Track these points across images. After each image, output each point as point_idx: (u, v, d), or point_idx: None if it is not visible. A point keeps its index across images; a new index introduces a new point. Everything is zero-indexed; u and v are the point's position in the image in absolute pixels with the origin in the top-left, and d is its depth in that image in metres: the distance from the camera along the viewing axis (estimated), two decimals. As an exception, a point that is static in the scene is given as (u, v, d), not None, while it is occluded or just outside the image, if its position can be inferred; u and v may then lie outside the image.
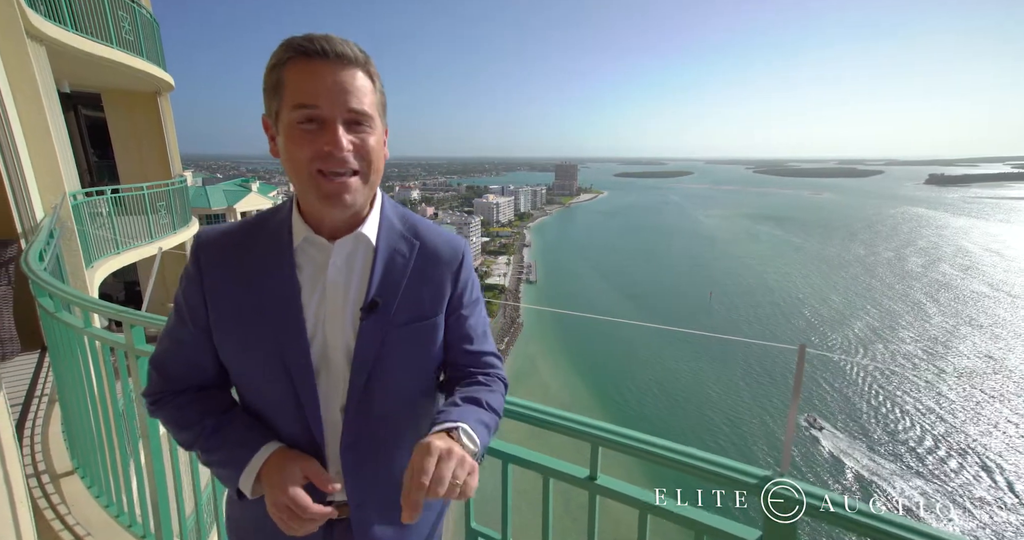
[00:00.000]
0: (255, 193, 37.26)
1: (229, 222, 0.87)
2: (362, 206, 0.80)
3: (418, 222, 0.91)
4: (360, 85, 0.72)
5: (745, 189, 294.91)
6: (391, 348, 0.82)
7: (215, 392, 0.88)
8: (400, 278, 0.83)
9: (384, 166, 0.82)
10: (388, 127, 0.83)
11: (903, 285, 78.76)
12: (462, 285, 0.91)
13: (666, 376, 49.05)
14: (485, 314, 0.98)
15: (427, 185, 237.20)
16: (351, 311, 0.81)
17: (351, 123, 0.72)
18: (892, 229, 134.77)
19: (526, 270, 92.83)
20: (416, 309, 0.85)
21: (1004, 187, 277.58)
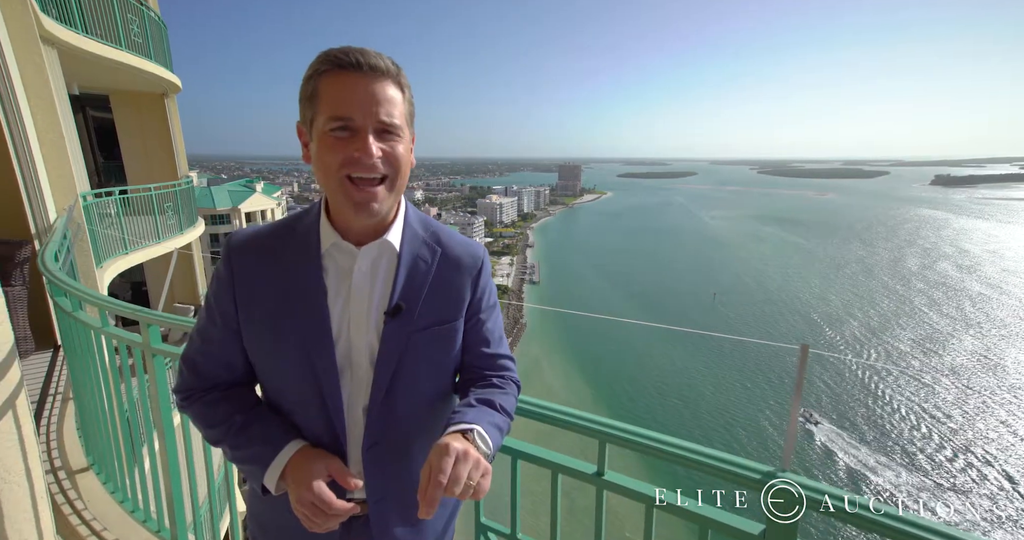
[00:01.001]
0: (259, 194, 37.48)
1: (259, 224, 0.91)
2: (387, 214, 0.84)
3: (440, 229, 0.95)
4: (391, 96, 0.76)
5: (749, 190, 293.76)
6: (413, 351, 0.85)
7: (242, 390, 0.91)
8: (423, 283, 0.87)
9: (408, 173, 0.84)
10: (415, 134, 0.87)
11: (904, 287, 78.52)
12: (481, 290, 0.95)
13: (668, 375, 48.96)
14: (501, 319, 1.02)
15: (431, 185, 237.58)
16: (375, 315, 0.84)
17: (381, 132, 0.76)
18: (895, 231, 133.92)
19: (529, 271, 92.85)
20: (437, 313, 0.88)
21: (1011, 188, 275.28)
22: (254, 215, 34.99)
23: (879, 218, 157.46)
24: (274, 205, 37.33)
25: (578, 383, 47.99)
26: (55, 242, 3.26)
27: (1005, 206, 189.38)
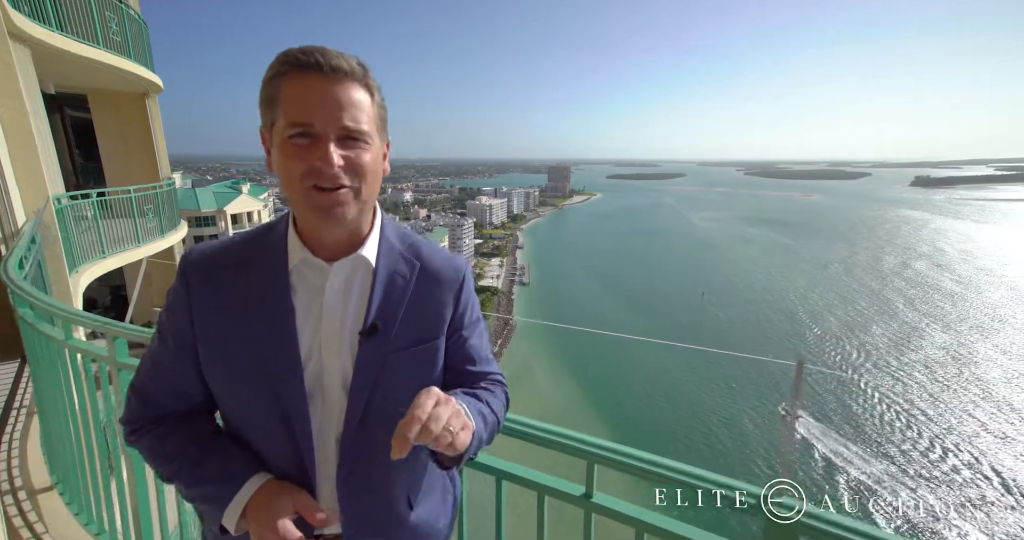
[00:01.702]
0: (246, 195, 36.92)
1: (221, 239, 0.84)
2: (356, 221, 0.77)
3: (419, 242, 0.89)
4: (356, 100, 0.70)
5: (737, 191, 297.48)
6: (391, 373, 0.80)
7: (199, 420, 0.83)
8: (400, 300, 0.81)
9: (382, 182, 0.79)
10: (389, 140, 0.82)
11: (882, 285, 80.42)
12: (463, 306, 0.90)
13: (659, 379, 49.25)
14: (487, 335, 0.97)
15: (420, 187, 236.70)
16: (349, 335, 0.78)
17: (344, 139, 0.70)
18: (876, 231, 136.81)
19: (519, 272, 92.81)
20: (417, 332, 0.83)
21: (988, 189, 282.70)
22: (240, 217, 34.48)
23: (862, 219, 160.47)
24: (260, 207, 36.82)
25: (568, 384, 48.04)
26: (21, 247, 3.12)
27: (981, 206, 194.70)
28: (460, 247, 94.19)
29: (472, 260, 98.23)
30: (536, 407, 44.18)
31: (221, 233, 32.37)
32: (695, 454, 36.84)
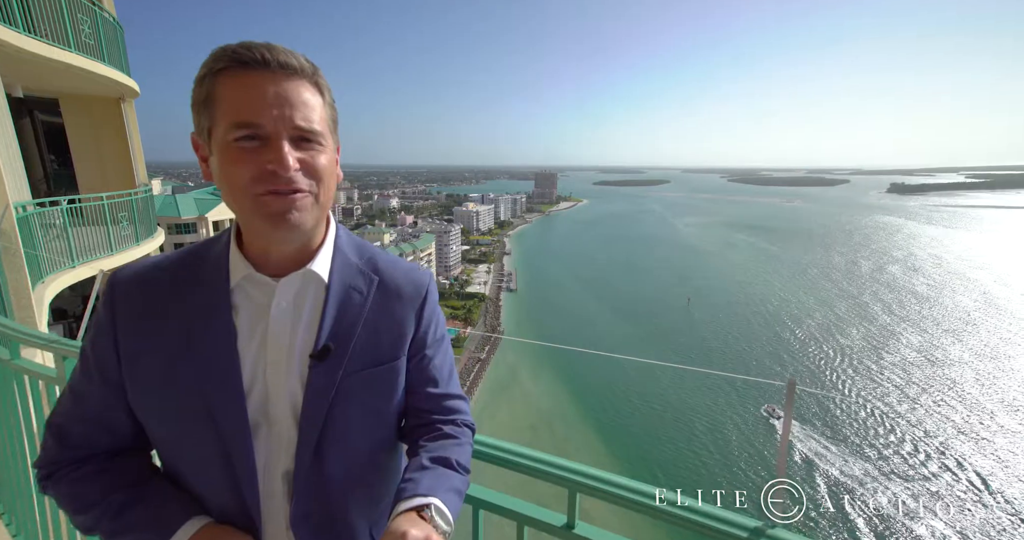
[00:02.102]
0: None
1: (155, 256, 0.76)
2: (312, 230, 0.70)
3: (377, 255, 0.82)
4: (307, 99, 0.64)
5: (721, 197, 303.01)
6: (346, 398, 0.73)
7: (129, 459, 0.74)
8: (357, 318, 0.74)
9: (336, 187, 0.72)
10: (340, 144, 0.75)
11: (858, 288, 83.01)
12: (426, 323, 0.83)
13: (645, 383, 49.47)
14: (451, 353, 0.91)
15: (407, 193, 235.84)
16: (299, 359, 0.71)
17: (298, 140, 0.64)
18: (853, 236, 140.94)
19: (506, 278, 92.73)
20: (375, 352, 0.76)
21: (959, 196, 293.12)
22: (222, 224, 33.86)
23: (840, 224, 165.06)
24: (243, 213, 36.31)
25: (556, 390, 47.98)
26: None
27: (952, 212, 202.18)
28: (447, 254, 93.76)
29: (459, 266, 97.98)
30: (524, 413, 44.07)
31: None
32: (681, 458, 37.11)
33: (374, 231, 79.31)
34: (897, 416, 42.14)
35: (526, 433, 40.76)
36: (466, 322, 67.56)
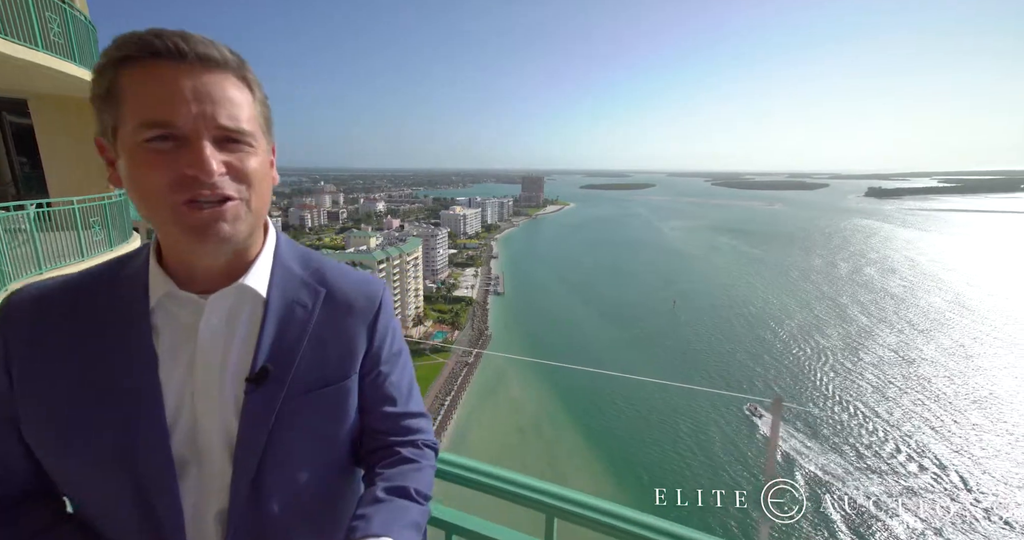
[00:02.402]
0: (208, 205, 35.71)
1: (62, 275, 0.66)
2: (245, 240, 0.62)
3: (325, 265, 0.75)
4: (233, 95, 0.56)
5: (706, 201, 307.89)
6: (290, 424, 0.65)
7: (32, 505, 0.64)
8: (300, 335, 0.67)
9: (271, 193, 0.64)
10: (275, 145, 0.67)
11: (835, 290, 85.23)
12: (380, 337, 0.76)
13: (632, 386, 49.73)
14: (411, 367, 0.83)
15: (393, 197, 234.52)
16: (232, 384, 0.63)
17: (223, 141, 0.56)
18: (832, 239, 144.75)
19: (494, 282, 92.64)
20: (322, 371, 0.69)
21: (932, 200, 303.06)
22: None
23: (821, 228, 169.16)
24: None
25: (543, 394, 47.94)
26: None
27: (927, 216, 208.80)
28: (434, 257, 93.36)
29: (447, 270, 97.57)
30: (512, 417, 43.92)
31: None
32: (666, 460, 37.38)
33: (360, 235, 78.56)
34: (874, 414, 43.27)
35: (514, 436, 40.66)
36: (453, 326, 67.20)
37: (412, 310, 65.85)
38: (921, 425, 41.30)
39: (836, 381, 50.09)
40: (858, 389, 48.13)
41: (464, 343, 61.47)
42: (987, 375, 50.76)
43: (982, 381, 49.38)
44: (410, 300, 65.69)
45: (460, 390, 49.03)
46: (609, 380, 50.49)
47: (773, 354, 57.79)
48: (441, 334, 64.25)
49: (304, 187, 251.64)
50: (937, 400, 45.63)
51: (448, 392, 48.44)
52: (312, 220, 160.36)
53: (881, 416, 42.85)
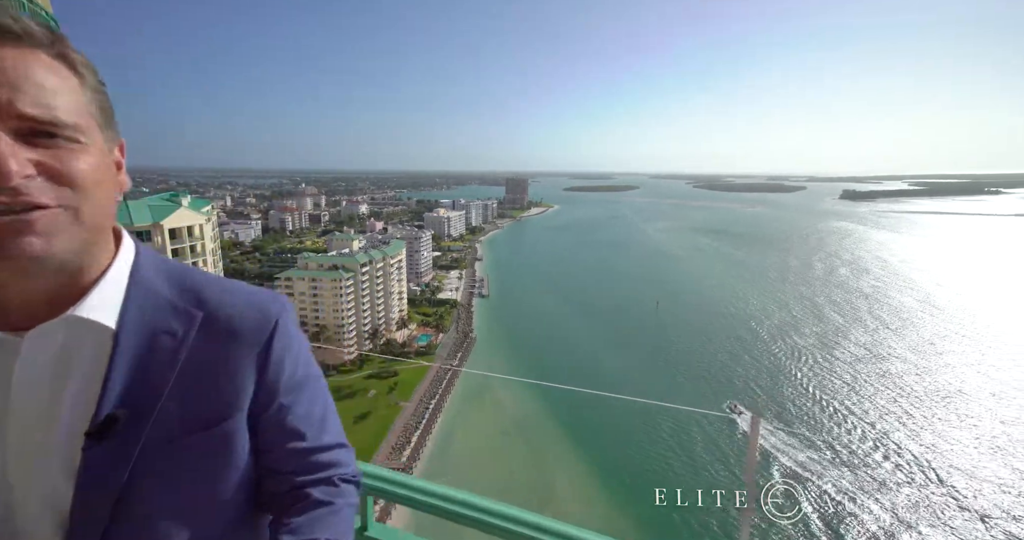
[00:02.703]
0: (185, 208, 34.90)
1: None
2: (74, 259, 0.49)
3: (204, 282, 0.61)
4: (42, 78, 0.45)
5: (688, 203, 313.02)
6: (153, 481, 0.53)
7: None
8: (165, 371, 0.54)
9: (116, 199, 0.53)
10: (124, 141, 0.57)
11: (811, 290, 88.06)
12: (276, 365, 0.63)
13: (615, 386, 50.29)
14: (324, 395, 0.71)
15: (376, 199, 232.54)
16: (67, 441, 0.50)
17: (30, 134, 0.44)
18: (808, 240, 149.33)
19: (478, 284, 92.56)
20: (198, 412, 0.57)
21: (904, 202, 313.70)
22: (180, 232, 32.55)
23: (798, 229, 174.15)
24: (203, 220, 34.88)
25: (530, 396, 48.09)
26: None
27: (898, 218, 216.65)
28: (418, 260, 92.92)
29: (431, 273, 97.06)
30: (494, 419, 43.95)
31: (158, 248, 30.26)
32: (648, 461, 37.94)
33: (342, 237, 77.62)
34: (848, 410, 44.80)
35: (498, 439, 40.75)
36: (438, 329, 66.94)
37: (396, 313, 65.44)
38: (893, 421, 42.86)
39: (813, 379, 51.64)
40: (833, 386, 49.70)
41: (449, 346, 61.26)
42: (955, 371, 52.78)
43: (950, 378, 51.30)
44: (394, 303, 65.26)
45: (444, 395, 48.91)
46: (594, 382, 50.99)
47: (753, 353, 59.13)
48: (426, 337, 63.93)
49: (284, 189, 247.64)
50: (908, 396, 47.35)
51: (432, 395, 48.27)
52: (293, 223, 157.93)
53: (855, 412, 44.33)
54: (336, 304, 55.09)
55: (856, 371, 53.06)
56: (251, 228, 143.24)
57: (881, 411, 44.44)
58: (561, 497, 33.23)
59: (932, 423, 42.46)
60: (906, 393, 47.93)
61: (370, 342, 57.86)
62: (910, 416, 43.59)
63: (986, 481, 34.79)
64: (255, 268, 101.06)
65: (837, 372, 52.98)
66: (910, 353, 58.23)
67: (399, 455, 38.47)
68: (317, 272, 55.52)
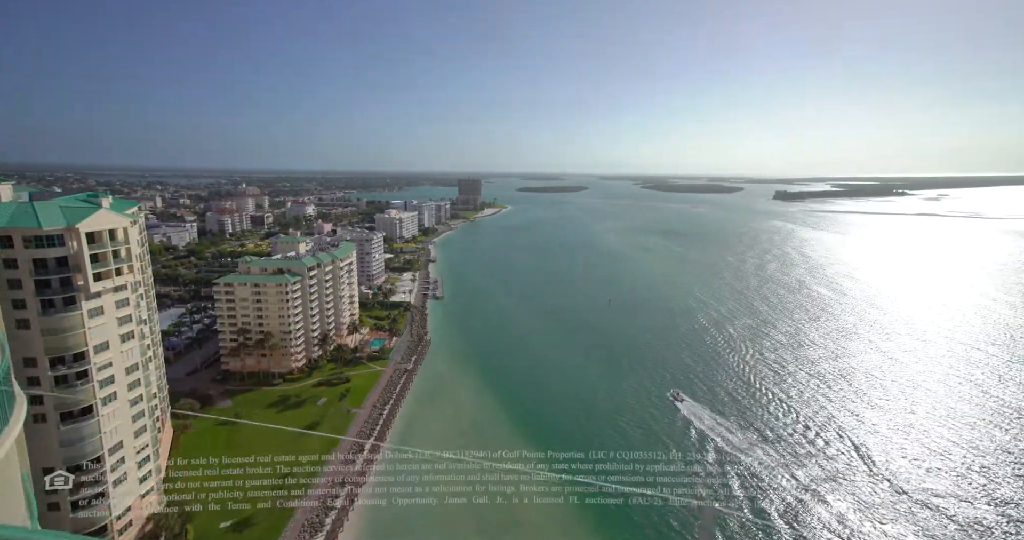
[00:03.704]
0: (107, 210, 31.92)
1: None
2: None
3: None
4: None
5: (636, 203, 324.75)
6: None
7: None
8: None
9: None
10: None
11: (744, 284, 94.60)
12: None
13: (570, 381, 51.18)
14: None
15: (324, 200, 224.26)
16: None
17: None
18: (743, 238, 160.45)
19: (432, 286, 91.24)
20: None
21: (828, 202, 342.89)
22: (99, 235, 29.71)
23: (737, 228, 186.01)
24: (127, 223, 32.03)
25: (485, 396, 47.84)
26: None
27: (823, 216, 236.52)
28: (370, 262, 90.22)
29: (383, 275, 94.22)
30: (454, 419, 43.37)
31: (72, 255, 27.54)
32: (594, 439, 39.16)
33: (288, 240, 73.47)
34: (772, 393, 48.70)
35: (458, 440, 40.35)
36: (391, 333, 65.30)
37: (347, 318, 63.11)
38: (810, 400, 47.02)
39: (743, 364, 55.86)
40: (759, 371, 53.95)
41: (403, 350, 59.93)
42: (861, 355, 58.82)
43: (856, 361, 56.98)
44: (344, 307, 62.89)
45: (400, 397, 47.81)
46: (551, 375, 51.73)
47: (693, 344, 62.48)
48: (379, 341, 62.20)
49: (223, 190, 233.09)
50: (821, 377, 52.15)
51: (386, 401, 47.05)
52: (233, 225, 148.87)
53: (779, 394, 48.30)
54: (282, 310, 52.42)
55: (779, 356, 57.96)
56: (186, 231, 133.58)
57: (801, 392, 48.85)
58: (523, 504, 33.33)
59: (844, 402, 47.09)
60: (821, 376, 52.71)
61: (319, 348, 55.53)
62: (826, 397, 48.14)
63: (893, 453, 38.84)
64: (190, 273, 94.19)
65: (763, 358, 57.67)
66: (824, 339, 64.26)
67: (354, 461, 37.26)
68: (261, 277, 52.48)
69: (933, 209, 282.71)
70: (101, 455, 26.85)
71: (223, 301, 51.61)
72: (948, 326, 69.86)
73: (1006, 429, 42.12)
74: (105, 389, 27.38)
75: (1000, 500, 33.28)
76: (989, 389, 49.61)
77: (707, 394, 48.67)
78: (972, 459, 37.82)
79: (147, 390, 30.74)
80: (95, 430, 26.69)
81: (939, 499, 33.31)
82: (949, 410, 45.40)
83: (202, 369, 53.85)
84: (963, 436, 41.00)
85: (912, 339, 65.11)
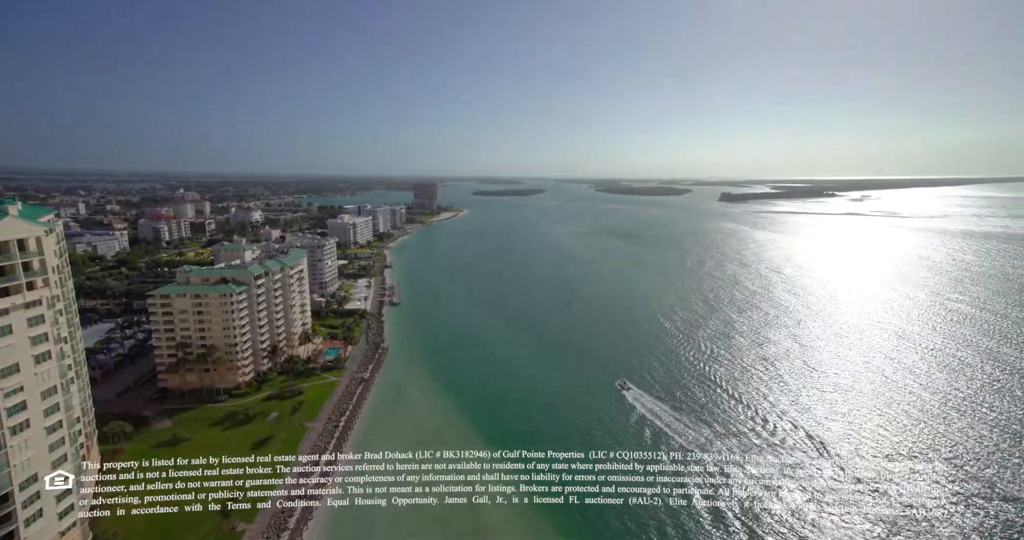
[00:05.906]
0: (14, 217, 28.70)
1: None
2: None
3: None
4: None
5: (592, 206, 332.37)
6: None
7: None
8: None
9: None
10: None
11: (698, 283, 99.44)
12: None
13: (527, 384, 51.23)
14: None
15: (271, 205, 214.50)
16: None
17: None
18: (699, 239, 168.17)
19: (388, 292, 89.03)
20: None
21: (768, 203, 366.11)
22: (5, 247, 26.67)
23: (691, 228, 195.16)
24: (40, 232, 28.91)
25: (444, 402, 47.00)
26: None
27: (764, 216, 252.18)
28: (322, 269, 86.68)
29: (337, 282, 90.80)
30: (412, 426, 42.25)
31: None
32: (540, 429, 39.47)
33: (232, 248, 69.03)
34: (716, 383, 51.45)
35: (414, 447, 39.24)
36: (347, 341, 62.89)
37: (299, 327, 60.22)
38: (764, 396, 49.41)
39: (695, 359, 58.16)
40: (714, 368, 56.14)
41: (359, 358, 57.86)
42: (810, 351, 62.36)
43: (807, 356, 60.36)
44: (295, 317, 59.98)
45: (357, 406, 46.05)
46: (508, 378, 51.60)
47: (650, 342, 64.29)
48: (333, 351, 59.74)
49: (158, 195, 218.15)
50: (774, 374, 54.97)
51: (342, 412, 45.18)
52: (170, 232, 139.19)
53: (722, 384, 50.97)
54: (226, 321, 49.15)
55: (735, 354, 60.55)
56: (115, 240, 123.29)
57: (741, 381, 51.95)
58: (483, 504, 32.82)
59: (791, 392, 49.80)
60: (776, 371, 55.59)
61: (269, 360, 52.58)
62: (777, 391, 50.78)
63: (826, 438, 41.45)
64: (121, 285, 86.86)
65: (720, 354, 60.15)
66: (779, 337, 67.63)
67: (308, 477, 35.37)
68: (202, 287, 48.99)
69: (858, 209, 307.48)
70: (10, 491, 23.95)
71: (159, 314, 47.84)
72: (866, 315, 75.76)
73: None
74: (14, 417, 24.47)
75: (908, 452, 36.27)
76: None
77: (655, 390, 50.33)
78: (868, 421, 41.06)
79: (68, 415, 27.80)
80: (2, 464, 23.78)
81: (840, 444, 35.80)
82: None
83: (135, 388, 49.65)
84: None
85: (824, 327, 70.69)
